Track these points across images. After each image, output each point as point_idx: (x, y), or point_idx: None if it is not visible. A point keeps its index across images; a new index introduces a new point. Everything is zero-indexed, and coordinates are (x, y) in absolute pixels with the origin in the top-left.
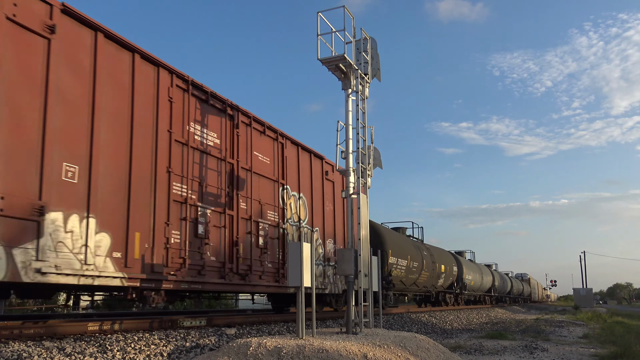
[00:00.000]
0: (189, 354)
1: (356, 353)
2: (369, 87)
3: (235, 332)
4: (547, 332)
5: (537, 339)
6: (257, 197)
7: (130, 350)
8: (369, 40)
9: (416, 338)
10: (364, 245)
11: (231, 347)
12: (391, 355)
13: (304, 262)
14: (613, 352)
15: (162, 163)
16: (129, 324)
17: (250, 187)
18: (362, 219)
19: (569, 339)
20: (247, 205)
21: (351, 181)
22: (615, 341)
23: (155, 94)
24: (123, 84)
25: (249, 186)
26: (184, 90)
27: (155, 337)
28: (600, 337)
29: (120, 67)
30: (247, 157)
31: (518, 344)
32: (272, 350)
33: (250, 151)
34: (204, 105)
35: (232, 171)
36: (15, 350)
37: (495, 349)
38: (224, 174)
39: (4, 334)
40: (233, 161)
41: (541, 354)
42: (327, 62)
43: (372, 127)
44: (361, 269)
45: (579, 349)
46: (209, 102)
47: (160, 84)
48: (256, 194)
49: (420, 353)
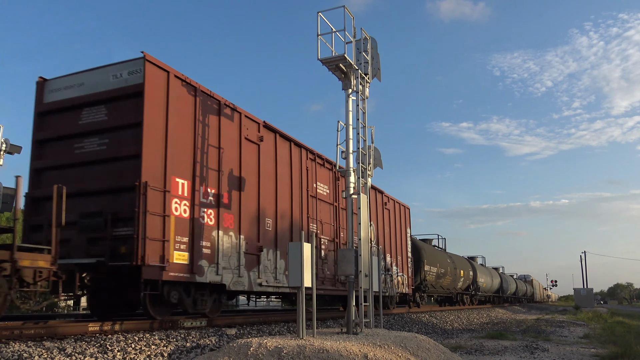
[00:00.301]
0: (190, 354)
1: (357, 353)
2: (369, 87)
3: (236, 333)
4: (548, 332)
5: (538, 339)
6: (344, 226)
7: (131, 351)
8: (369, 40)
9: (417, 338)
10: (365, 246)
11: (232, 347)
12: (392, 355)
13: (305, 263)
14: (614, 352)
15: (305, 211)
16: (129, 325)
17: (344, 220)
18: (363, 219)
19: (570, 339)
20: (344, 234)
21: (351, 181)
22: (616, 341)
23: (299, 164)
24: (286, 161)
25: (343, 220)
26: (312, 160)
27: (156, 337)
28: (601, 337)
29: (284, 151)
30: (340, 199)
31: (519, 344)
32: (272, 350)
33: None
34: (320, 167)
35: (337, 210)
36: (16, 350)
37: (496, 349)
38: (331, 213)
39: (5, 334)
40: (336, 203)
41: (542, 354)
42: (328, 62)
43: (372, 127)
44: (361, 269)
45: (580, 349)
46: (325, 165)
47: (302, 159)
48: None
49: (421, 353)
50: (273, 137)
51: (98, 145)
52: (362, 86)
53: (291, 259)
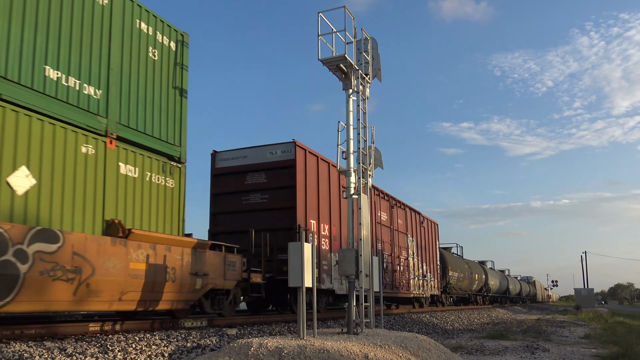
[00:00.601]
0: (190, 354)
1: (357, 353)
2: (370, 87)
3: (237, 333)
4: (549, 332)
5: (539, 339)
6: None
7: (132, 351)
8: (370, 41)
9: (417, 338)
10: (365, 246)
11: (232, 347)
12: (392, 355)
13: (305, 263)
14: (614, 353)
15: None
16: (130, 325)
17: (398, 239)
18: (363, 219)
19: (571, 339)
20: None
21: (352, 181)
22: (617, 341)
23: (372, 200)
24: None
25: (397, 238)
26: (377, 195)
27: (157, 337)
28: (601, 338)
29: (378, 202)
30: (395, 222)
31: (519, 344)
32: (273, 350)
33: (397, 219)
34: (381, 199)
35: (392, 232)
36: (17, 350)
37: (497, 349)
38: (389, 234)
39: (6, 334)
40: (392, 226)
41: (542, 354)
42: (328, 62)
43: (372, 127)
44: (362, 269)
45: (581, 349)
46: (384, 198)
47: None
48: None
49: (421, 353)
50: (374, 191)
51: (260, 199)
52: (363, 86)
53: (291, 259)
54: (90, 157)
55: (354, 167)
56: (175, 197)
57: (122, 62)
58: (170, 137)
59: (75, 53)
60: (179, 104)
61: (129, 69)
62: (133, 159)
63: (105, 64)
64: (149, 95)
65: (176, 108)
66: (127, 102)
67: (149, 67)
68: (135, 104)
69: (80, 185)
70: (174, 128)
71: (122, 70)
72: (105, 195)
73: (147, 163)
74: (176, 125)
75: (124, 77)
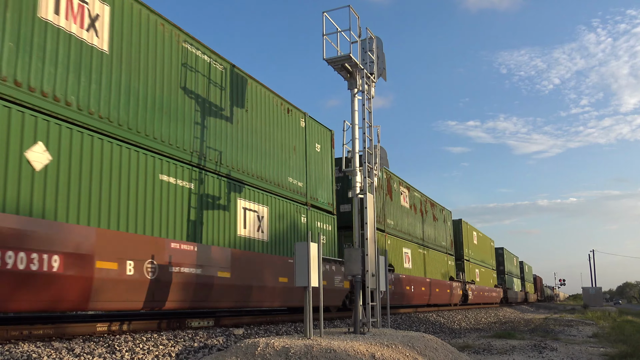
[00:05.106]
0: (197, 354)
1: (364, 353)
2: (375, 86)
3: (243, 333)
4: (556, 331)
5: (546, 339)
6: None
7: (139, 351)
8: (375, 40)
9: (424, 338)
10: (371, 245)
11: (239, 347)
12: (399, 355)
13: (312, 263)
14: (623, 352)
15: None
16: (137, 325)
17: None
18: (369, 219)
19: (579, 338)
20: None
21: (357, 181)
22: (626, 340)
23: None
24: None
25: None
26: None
27: (164, 337)
28: (610, 337)
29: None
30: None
31: (527, 344)
32: (279, 350)
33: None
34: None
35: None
36: (25, 350)
37: (504, 348)
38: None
39: (14, 335)
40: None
41: (550, 354)
42: (333, 61)
43: (378, 126)
44: (368, 268)
45: (589, 348)
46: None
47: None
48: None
49: (429, 353)
50: None
51: None
52: (368, 85)
53: (298, 259)
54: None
55: (360, 167)
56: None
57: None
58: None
59: (300, 175)
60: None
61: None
62: (318, 215)
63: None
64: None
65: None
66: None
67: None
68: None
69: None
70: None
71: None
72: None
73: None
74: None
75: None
